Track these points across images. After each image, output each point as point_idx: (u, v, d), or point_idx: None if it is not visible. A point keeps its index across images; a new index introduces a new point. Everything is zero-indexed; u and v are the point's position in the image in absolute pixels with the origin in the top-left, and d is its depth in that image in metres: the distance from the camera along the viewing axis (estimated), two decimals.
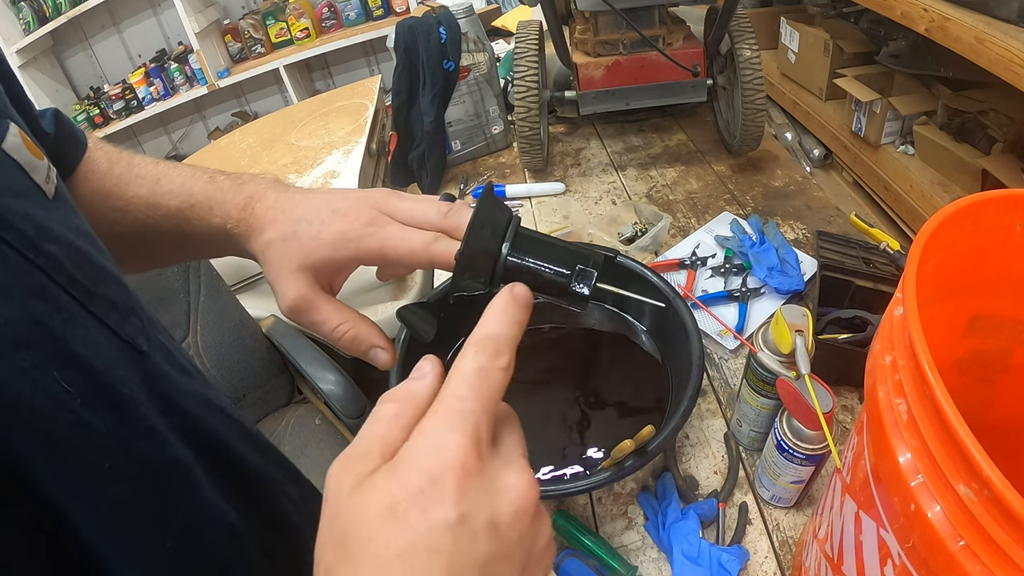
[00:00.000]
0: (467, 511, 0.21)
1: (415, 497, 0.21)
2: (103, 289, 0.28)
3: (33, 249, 0.25)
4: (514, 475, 0.24)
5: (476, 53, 1.23)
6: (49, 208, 0.27)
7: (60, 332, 0.25)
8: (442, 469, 0.22)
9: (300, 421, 1.23)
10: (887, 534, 0.34)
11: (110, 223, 0.40)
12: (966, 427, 0.25)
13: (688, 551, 0.59)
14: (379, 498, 0.21)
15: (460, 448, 0.22)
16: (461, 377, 0.24)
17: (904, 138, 1.66)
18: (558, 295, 0.34)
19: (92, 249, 0.29)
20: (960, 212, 0.36)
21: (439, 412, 0.23)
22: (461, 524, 0.21)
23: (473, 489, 0.22)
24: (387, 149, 1.51)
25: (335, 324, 0.36)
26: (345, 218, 0.36)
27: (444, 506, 0.21)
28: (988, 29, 1.08)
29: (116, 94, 2.96)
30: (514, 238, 0.34)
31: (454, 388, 0.24)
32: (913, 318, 0.30)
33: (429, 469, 0.22)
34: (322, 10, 2.93)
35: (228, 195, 0.40)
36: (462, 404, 0.23)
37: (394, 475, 0.22)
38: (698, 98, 1.12)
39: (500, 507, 0.22)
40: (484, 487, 0.22)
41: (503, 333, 0.26)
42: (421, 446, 0.23)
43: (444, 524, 0.21)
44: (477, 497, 0.22)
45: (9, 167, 0.26)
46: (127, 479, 0.26)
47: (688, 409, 0.60)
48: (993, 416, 0.48)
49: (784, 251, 0.90)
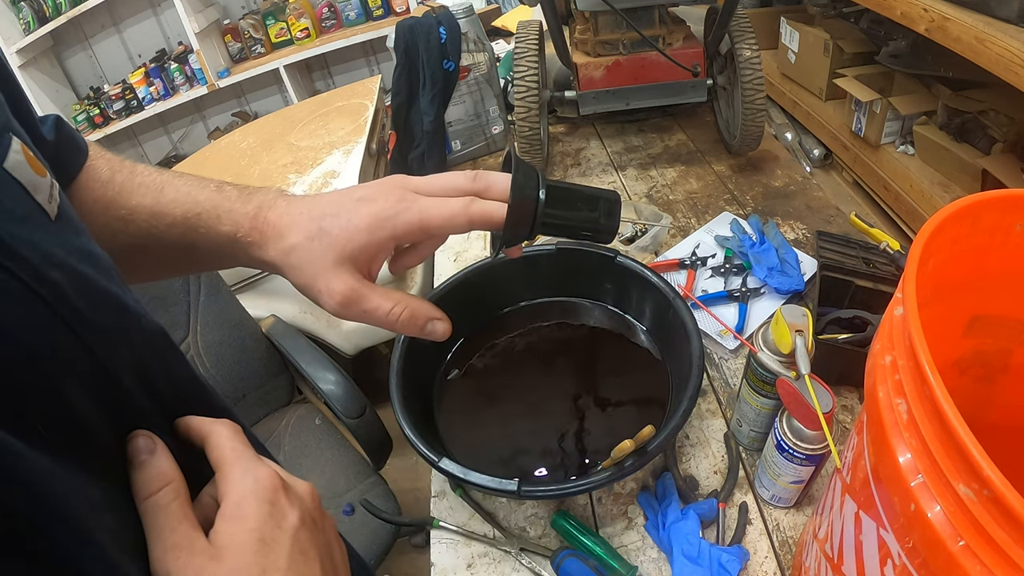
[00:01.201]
0: (300, 513, 0.31)
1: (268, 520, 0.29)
2: (98, 318, 0.28)
3: (37, 278, 0.24)
4: (298, 483, 0.32)
5: (476, 53, 1.23)
6: (51, 231, 0.27)
7: (51, 367, 0.24)
8: (272, 492, 0.30)
9: (300, 421, 1.23)
10: (887, 534, 0.34)
11: (112, 233, 0.40)
12: (966, 427, 0.25)
13: (688, 551, 0.59)
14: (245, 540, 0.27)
15: (271, 474, 0.30)
16: (226, 439, 0.31)
17: (904, 138, 1.66)
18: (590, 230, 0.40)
19: (94, 271, 0.28)
20: (960, 212, 0.36)
21: (235, 463, 0.30)
22: (302, 523, 0.30)
23: (294, 497, 0.31)
24: (387, 149, 1.51)
25: (389, 307, 0.36)
26: (374, 202, 0.36)
27: (290, 515, 0.30)
28: (988, 29, 1.08)
29: (116, 94, 2.95)
30: (547, 188, 0.39)
31: (228, 447, 0.30)
32: (913, 318, 0.30)
33: (264, 497, 0.29)
34: (322, 10, 2.93)
35: (236, 204, 0.40)
36: (245, 450, 0.31)
37: (243, 516, 0.28)
38: (698, 98, 1.12)
39: (309, 506, 0.32)
40: (295, 494, 0.31)
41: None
42: (246, 486, 0.29)
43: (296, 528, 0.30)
44: (298, 502, 0.31)
45: (11, 189, 0.26)
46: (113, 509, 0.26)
47: (688, 409, 0.60)
48: (993, 416, 0.48)
49: (784, 251, 0.90)
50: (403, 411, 0.63)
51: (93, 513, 0.25)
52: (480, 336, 0.78)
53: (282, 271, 0.38)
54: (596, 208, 0.40)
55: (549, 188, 0.39)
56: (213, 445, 0.30)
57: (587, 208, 0.40)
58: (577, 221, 0.40)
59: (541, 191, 0.38)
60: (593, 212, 0.40)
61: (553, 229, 0.40)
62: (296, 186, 1.36)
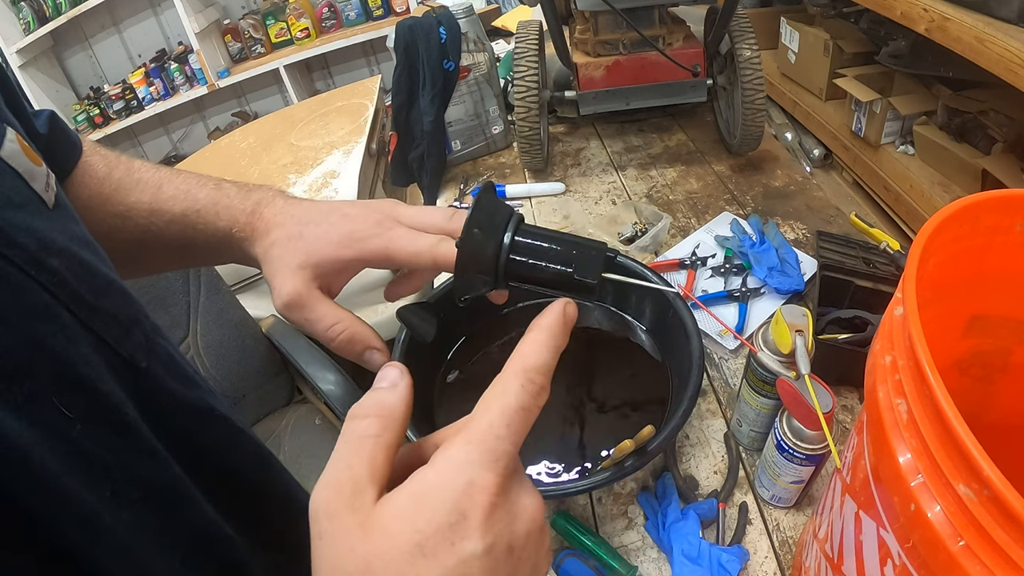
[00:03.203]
0: (492, 541, 0.22)
1: (444, 532, 0.22)
2: (105, 303, 0.28)
3: (36, 265, 0.24)
4: (527, 496, 0.24)
5: (476, 53, 1.23)
6: (50, 218, 0.27)
7: (62, 353, 0.24)
8: (473, 506, 0.22)
9: (300, 421, 1.23)
10: (887, 534, 0.34)
11: (109, 229, 0.40)
12: (966, 427, 0.25)
13: (688, 551, 0.59)
14: (404, 535, 0.21)
15: (493, 486, 0.23)
16: (502, 412, 0.24)
17: (904, 138, 1.66)
18: (564, 288, 0.33)
19: (94, 258, 0.28)
20: (960, 212, 0.36)
21: (474, 445, 0.23)
22: (487, 554, 0.22)
23: (498, 520, 0.23)
24: (387, 149, 1.51)
25: (330, 323, 0.35)
26: (354, 221, 0.36)
27: (472, 540, 0.22)
28: (988, 29, 1.08)
29: (116, 94, 2.96)
30: (515, 232, 0.33)
31: (494, 424, 0.24)
32: (913, 318, 0.30)
33: (459, 505, 0.22)
34: (322, 10, 2.93)
35: (235, 200, 0.40)
36: (499, 444, 0.23)
37: (420, 509, 0.22)
38: (698, 98, 1.12)
39: (517, 531, 0.23)
40: (506, 517, 0.23)
41: (547, 364, 0.26)
42: (452, 480, 0.22)
43: (472, 556, 0.22)
44: (500, 527, 0.23)
45: (8, 177, 0.26)
46: (130, 503, 0.25)
47: (688, 409, 0.60)
48: (993, 416, 0.48)
49: (784, 251, 0.90)
50: None
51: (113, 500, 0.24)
52: (480, 336, 0.78)
53: (260, 264, 0.38)
54: (570, 262, 0.33)
55: (518, 234, 0.33)
56: (476, 417, 0.24)
57: (558, 261, 0.33)
58: (543, 279, 0.33)
59: (505, 238, 0.32)
60: (566, 267, 0.32)
61: (522, 280, 0.34)
62: (296, 186, 1.36)
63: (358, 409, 0.25)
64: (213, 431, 0.33)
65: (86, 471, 0.24)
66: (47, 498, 0.22)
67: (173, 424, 0.30)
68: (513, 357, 0.26)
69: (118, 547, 0.24)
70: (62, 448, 0.23)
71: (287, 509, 0.39)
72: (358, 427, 0.24)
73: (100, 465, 0.24)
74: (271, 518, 0.37)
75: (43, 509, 0.22)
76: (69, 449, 0.23)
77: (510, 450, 0.24)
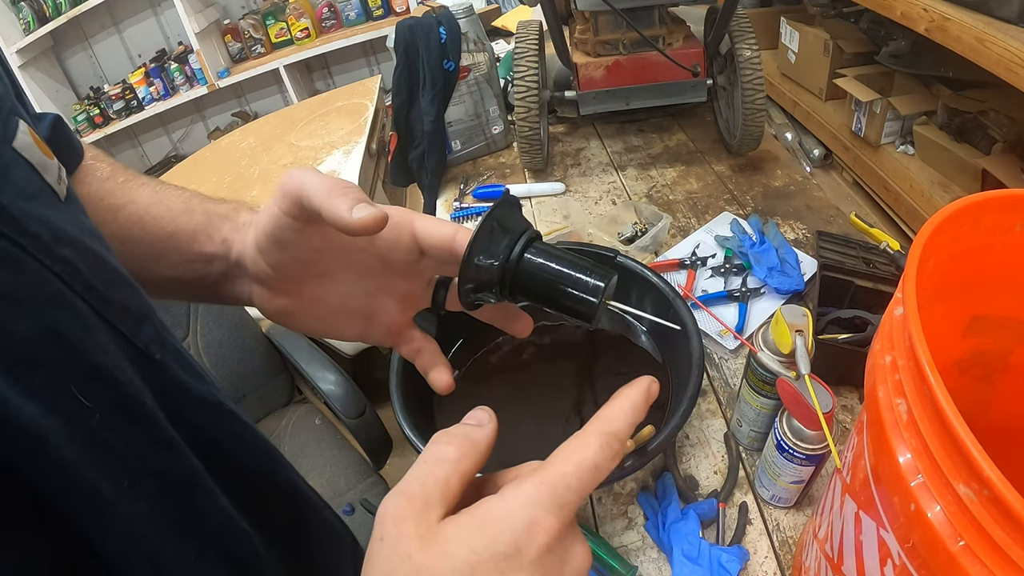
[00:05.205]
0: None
1: (497, 560, 0.23)
2: (117, 295, 0.27)
3: (49, 254, 0.24)
4: (578, 545, 0.25)
5: (476, 53, 1.23)
6: (61, 210, 0.27)
7: (79, 342, 0.24)
8: (529, 543, 0.23)
9: (300, 421, 1.23)
10: (887, 534, 0.34)
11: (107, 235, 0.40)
12: (966, 427, 0.25)
13: (688, 551, 0.59)
14: (460, 555, 0.22)
15: (552, 530, 0.23)
16: (578, 466, 0.25)
17: (904, 138, 1.66)
18: (563, 313, 0.34)
19: (104, 251, 0.28)
20: (960, 212, 0.36)
21: (545, 488, 0.24)
22: None
23: (549, 563, 0.24)
24: (387, 149, 1.52)
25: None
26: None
27: (521, 574, 0.23)
28: (988, 29, 1.08)
29: (116, 94, 2.95)
30: (524, 248, 0.33)
31: (567, 474, 0.25)
32: (913, 318, 0.30)
33: (517, 540, 0.23)
34: (322, 10, 2.93)
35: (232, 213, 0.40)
36: (568, 493, 0.24)
37: (481, 534, 0.23)
38: (698, 98, 1.12)
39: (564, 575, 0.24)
40: (556, 562, 0.24)
41: (625, 433, 0.27)
42: (516, 514, 0.23)
43: None
44: (549, 570, 0.24)
45: (21, 168, 0.25)
46: (147, 495, 0.25)
47: (688, 409, 0.60)
48: (993, 416, 0.48)
49: (784, 251, 0.90)
50: (403, 411, 0.63)
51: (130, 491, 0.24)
52: (480, 336, 0.78)
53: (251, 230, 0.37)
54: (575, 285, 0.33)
55: (529, 251, 0.32)
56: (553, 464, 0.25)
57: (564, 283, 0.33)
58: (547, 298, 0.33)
59: (515, 251, 0.32)
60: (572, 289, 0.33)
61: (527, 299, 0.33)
62: None
63: (444, 435, 0.26)
64: (223, 424, 0.33)
65: (104, 461, 0.24)
66: (64, 485, 0.22)
67: (188, 416, 0.30)
68: (596, 418, 0.27)
69: (133, 537, 0.24)
70: (80, 437, 0.23)
71: (293, 504, 0.39)
72: (440, 451, 0.25)
73: (118, 455, 0.24)
74: (278, 513, 0.37)
75: (59, 496, 0.22)
76: (87, 439, 0.23)
77: (575, 500, 0.25)
